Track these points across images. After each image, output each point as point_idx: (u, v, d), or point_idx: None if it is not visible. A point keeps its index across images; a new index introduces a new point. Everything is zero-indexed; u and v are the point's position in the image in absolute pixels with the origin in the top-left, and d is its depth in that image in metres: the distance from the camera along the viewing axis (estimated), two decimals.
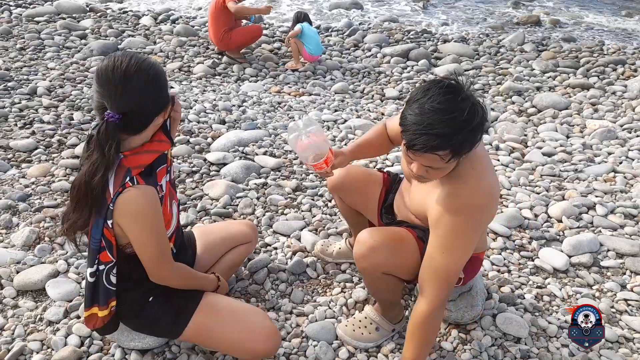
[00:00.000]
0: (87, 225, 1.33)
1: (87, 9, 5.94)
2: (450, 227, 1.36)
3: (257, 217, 2.42)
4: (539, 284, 2.06)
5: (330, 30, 5.83)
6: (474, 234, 1.40)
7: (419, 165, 1.31)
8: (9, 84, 3.75)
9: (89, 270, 1.37)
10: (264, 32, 5.43)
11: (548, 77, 4.58)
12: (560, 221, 2.45)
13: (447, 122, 1.19)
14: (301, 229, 2.33)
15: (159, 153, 1.37)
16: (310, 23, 4.79)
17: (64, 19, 5.43)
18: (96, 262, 1.35)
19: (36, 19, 5.39)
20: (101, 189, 1.27)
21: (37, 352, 1.64)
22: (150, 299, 1.49)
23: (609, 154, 3.18)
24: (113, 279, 1.40)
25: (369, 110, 3.86)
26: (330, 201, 2.57)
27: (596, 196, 2.68)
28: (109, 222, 1.30)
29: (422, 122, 1.21)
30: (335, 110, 3.79)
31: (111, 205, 1.27)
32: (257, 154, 2.99)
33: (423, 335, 1.45)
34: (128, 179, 1.27)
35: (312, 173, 2.81)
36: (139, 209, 1.29)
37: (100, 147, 1.23)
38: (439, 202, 1.39)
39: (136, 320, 1.53)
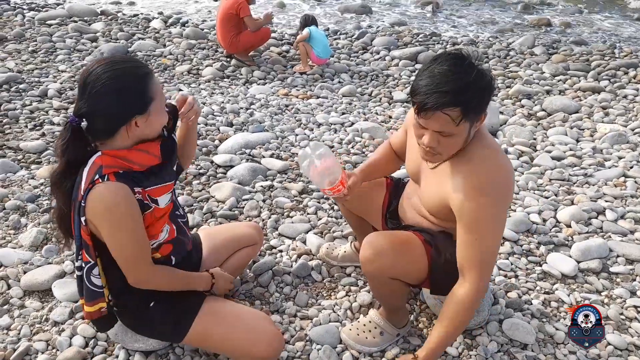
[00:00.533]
0: (69, 223, 1.35)
1: (99, 12, 6.01)
2: (478, 211, 1.34)
3: (263, 220, 2.42)
4: (546, 290, 2.03)
5: (338, 33, 5.84)
6: (502, 213, 1.39)
7: (430, 134, 1.32)
8: (21, 86, 3.80)
9: (76, 263, 1.39)
10: (273, 35, 5.45)
11: (558, 81, 4.54)
12: (569, 226, 2.42)
13: (456, 80, 1.24)
14: (307, 232, 2.32)
15: (136, 165, 1.31)
16: (317, 26, 4.80)
17: (75, 22, 5.50)
18: (80, 258, 1.36)
19: (48, 22, 5.47)
20: (75, 186, 1.29)
21: (42, 352, 1.65)
22: (152, 303, 1.48)
23: (620, 158, 3.14)
24: (96, 281, 1.37)
25: (376, 113, 3.85)
26: (336, 204, 2.56)
27: (606, 201, 2.64)
28: (82, 219, 1.28)
29: (432, 83, 1.26)
30: (343, 113, 3.79)
31: (83, 202, 1.26)
32: (263, 157, 3.00)
33: (460, 319, 1.40)
34: (98, 176, 1.25)
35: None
36: (106, 206, 1.25)
37: (61, 146, 1.28)
38: (459, 187, 1.37)
39: (138, 324, 1.53)
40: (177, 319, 1.49)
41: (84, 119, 1.24)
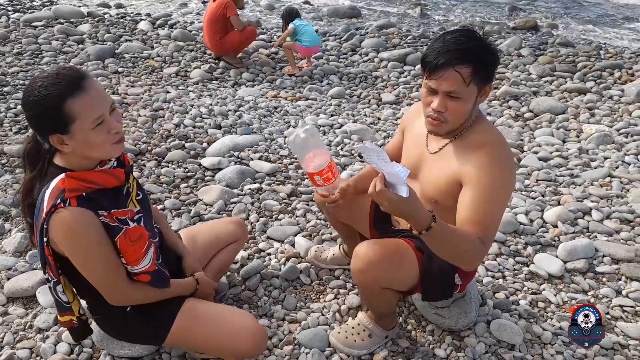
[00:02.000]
0: (31, 228, 1.35)
1: (86, 13, 5.95)
2: (491, 179, 1.36)
3: (252, 223, 2.40)
4: (533, 290, 2.05)
5: (327, 35, 5.84)
6: (511, 182, 1.42)
7: (441, 97, 1.36)
8: (5, 88, 3.75)
9: (44, 275, 1.37)
10: (261, 37, 5.44)
11: (545, 82, 4.58)
12: (555, 226, 2.44)
13: (467, 42, 1.33)
14: (295, 235, 2.31)
15: (98, 185, 1.29)
16: (300, 18, 4.78)
17: (61, 23, 5.44)
18: (45, 272, 1.34)
19: (34, 23, 5.40)
20: (36, 205, 1.28)
21: None
22: (128, 309, 1.46)
23: (605, 158, 3.18)
24: (62, 297, 1.36)
25: (365, 115, 3.86)
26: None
27: (592, 201, 2.67)
28: (45, 239, 1.26)
29: (445, 45, 1.33)
30: (332, 115, 3.79)
31: (45, 224, 1.24)
32: (252, 159, 2.98)
33: (460, 240, 1.32)
34: (60, 200, 1.22)
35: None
36: (71, 233, 1.24)
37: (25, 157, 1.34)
38: (469, 160, 1.40)
39: (117, 331, 1.52)
40: (156, 322, 1.47)
41: None
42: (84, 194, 1.25)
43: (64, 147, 1.24)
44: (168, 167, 2.88)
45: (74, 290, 1.42)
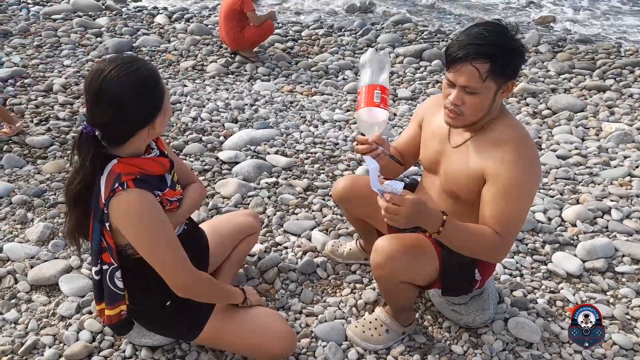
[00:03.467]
0: (86, 229, 1.33)
1: (103, 7, 6.00)
2: (515, 177, 1.36)
3: (268, 216, 2.42)
4: (552, 289, 2.03)
5: (343, 30, 5.82)
6: (536, 180, 1.41)
7: (458, 90, 1.35)
8: (26, 80, 3.81)
9: (94, 269, 1.37)
10: (277, 31, 5.44)
11: (563, 79, 4.52)
12: (574, 225, 2.42)
13: (489, 38, 1.31)
14: (312, 229, 2.32)
15: (148, 172, 1.31)
16: None
17: (80, 16, 5.49)
18: (99, 261, 1.34)
19: (53, 16, 5.46)
20: (93, 194, 1.27)
21: (50, 347, 1.67)
22: (168, 303, 1.49)
23: (625, 157, 3.13)
24: (119, 283, 1.36)
25: None
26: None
27: (611, 200, 2.64)
28: (107, 224, 1.27)
29: (467, 39, 1.33)
30: (348, 110, 3.78)
31: (105, 209, 1.25)
32: (268, 153, 3.00)
33: (475, 239, 1.37)
34: (117, 184, 1.23)
35: (324, 172, 2.81)
36: (135, 214, 1.25)
37: (79, 157, 1.24)
38: (492, 156, 1.39)
39: (152, 323, 1.54)
40: (192, 318, 1.50)
41: (96, 128, 1.21)
42: (138, 176, 1.26)
43: (149, 136, 1.26)
44: (186, 160, 2.90)
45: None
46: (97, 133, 1.22)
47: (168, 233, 1.31)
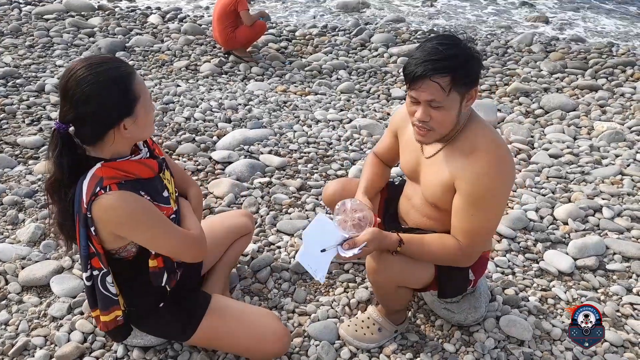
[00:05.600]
0: (71, 230, 1.32)
1: (96, 7, 5.97)
2: (483, 189, 1.37)
3: (261, 216, 2.42)
4: (543, 287, 2.04)
5: (337, 30, 5.82)
6: (506, 190, 1.42)
7: (422, 108, 1.35)
8: (18, 80, 3.78)
9: (84, 274, 1.36)
10: (271, 31, 5.43)
11: (556, 78, 4.55)
12: (566, 223, 2.43)
13: (444, 51, 1.30)
14: (304, 229, 2.32)
15: (134, 175, 1.29)
16: None
17: (72, 16, 5.47)
18: (89, 267, 1.33)
19: (45, 16, 5.43)
20: (75, 198, 1.26)
21: (41, 348, 1.66)
22: (161, 304, 1.49)
23: (617, 156, 3.15)
24: (111, 288, 1.36)
25: (374, 110, 3.86)
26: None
27: (603, 199, 2.65)
28: (92, 229, 1.26)
29: (423, 55, 1.32)
30: (341, 110, 3.79)
31: (88, 213, 1.24)
32: (262, 153, 2.99)
33: (436, 254, 1.46)
34: (99, 188, 1.21)
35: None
36: (123, 213, 1.24)
37: (52, 154, 1.24)
38: (462, 167, 1.40)
39: (146, 324, 1.54)
40: (186, 318, 1.50)
41: (70, 125, 1.20)
42: (122, 181, 1.25)
43: (124, 134, 1.24)
44: (179, 160, 2.90)
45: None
46: (70, 130, 1.21)
47: (162, 217, 1.31)
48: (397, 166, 1.90)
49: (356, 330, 1.73)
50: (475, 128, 1.43)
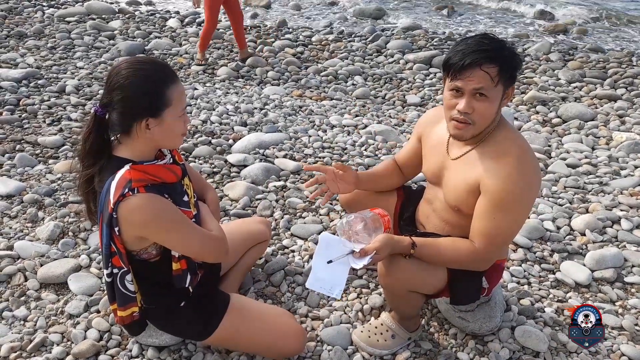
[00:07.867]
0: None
1: (116, 10, 6.08)
2: (509, 192, 1.36)
3: (276, 220, 2.43)
4: (559, 298, 2.02)
5: (353, 36, 5.84)
6: (533, 195, 1.41)
7: (466, 98, 1.35)
8: (39, 81, 3.86)
9: (105, 271, 1.40)
10: (287, 36, 5.47)
11: (574, 88, 4.50)
12: (583, 234, 2.40)
13: (493, 43, 1.34)
14: (319, 233, 2.33)
15: (160, 179, 1.34)
16: None
17: (93, 19, 5.57)
18: (110, 265, 1.37)
19: (67, 19, 5.55)
20: (100, 197, 1.31)
21: (58, 344, 1.68)
22: (182, 303, 1.51)
23: (636, 167, 3.10)
24: (130, 286, 1.40)
25: (390, 116, 3.85)
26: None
27: (621, 210, 2.61)
28: (116, 229, 1.30)
29: (469, 47, 1.34)
30: (357, 116, 3.79)
31: (114, 213, 1.27)
32: (277, 157, 3.01)
33: (451, 258, 1.46)
34: (127, 189, 1.26)
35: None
36: (150, 215, 1.28)
37: (83, 134, 1.34)
38: (490, 168, 1.39)
39: (166, 323, 1.56)
40: (206, 317, 1.51)
41: (106, 109, 1.30)
42: (149, 184, 1.30)
43: (146, 133, 1.30)
44: (195, 162, 2.93)
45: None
46: (106, 117, 1.31)
47: (184, 222, 1.35)
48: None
49: (369, 337, 1.73)
50: (506, 133, 1.44)
